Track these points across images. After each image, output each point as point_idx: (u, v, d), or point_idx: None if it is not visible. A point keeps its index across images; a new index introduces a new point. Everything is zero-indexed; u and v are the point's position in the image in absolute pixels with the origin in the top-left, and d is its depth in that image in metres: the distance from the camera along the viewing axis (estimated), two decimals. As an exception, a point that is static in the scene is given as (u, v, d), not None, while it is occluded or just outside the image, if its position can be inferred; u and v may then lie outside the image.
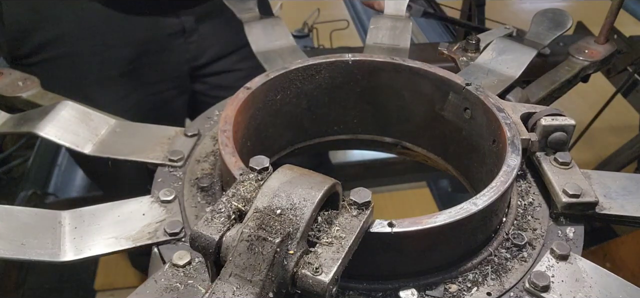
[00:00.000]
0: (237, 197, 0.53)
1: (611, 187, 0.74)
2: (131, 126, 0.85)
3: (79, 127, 0.82)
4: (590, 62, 0.98)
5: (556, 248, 0.65)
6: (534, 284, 0.61)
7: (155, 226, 0.68)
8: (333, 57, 0.85)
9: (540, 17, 1.02)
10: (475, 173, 0.85)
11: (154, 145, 0.81)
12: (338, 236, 0.51)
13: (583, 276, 0.63)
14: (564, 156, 0.74)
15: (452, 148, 0.88)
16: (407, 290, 0.60)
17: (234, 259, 0.47)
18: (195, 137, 0.82)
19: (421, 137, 0.92)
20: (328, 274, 0.48)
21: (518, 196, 0.74)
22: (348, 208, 0.54)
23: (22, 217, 0.67)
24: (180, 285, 0.61)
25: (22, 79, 0.94)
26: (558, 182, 0.71)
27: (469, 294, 0.61)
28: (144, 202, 0.72)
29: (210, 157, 0.79)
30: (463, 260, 0.64)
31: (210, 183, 0.74)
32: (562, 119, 0.75)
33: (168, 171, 0.77)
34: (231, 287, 0.46)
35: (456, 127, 0.85)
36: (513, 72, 0.91)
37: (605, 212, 0.71)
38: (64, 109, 0.83)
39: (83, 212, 0.70)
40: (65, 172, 2.38)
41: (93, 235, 0.67)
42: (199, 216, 0.70)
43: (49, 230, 0.67)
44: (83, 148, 0.79)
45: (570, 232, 0.70)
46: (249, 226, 0.48)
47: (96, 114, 0.85)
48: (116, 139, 0.82)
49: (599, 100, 1.82)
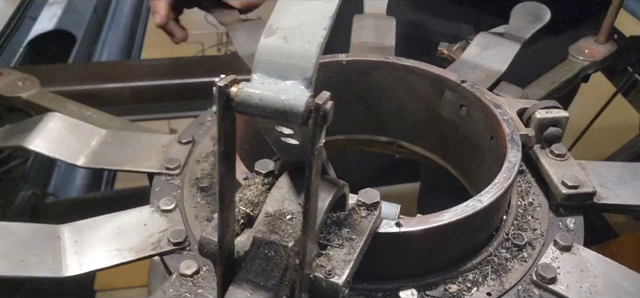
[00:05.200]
0: (245, 202, 0.52)
1: (606, 176, 0.75)
2: (122, 135, 0.84)
3: (69, 138, 0.80)
4: (590, 62, 0.99)
5: (560, 240, 0.66)
6: (541, 277, 0.62)
7: (158, 236, 0.67)
8: (327, 58, 0.84)
9: (519, 11, 1.02)
10: (474, 170, 0.85)
11: (148, 154, 0.79)
12: (348, 238, 0.51)
13: (587, 266, 0.64)
14: (560, 148, 0.75)
15: (449, 146, 0.89)
16: (407, 290, 0.60)
17: (247, 265, 0.46)
18: (190, 144, 0.81)
19: (417, 135, 0.92)
20: (341, 276, 0.47)
21: (518, 196, 0.74)
22: (356, 209, 0.54)
23: (20, 233, 0.66)
24: (190, 294, 0.60)
25: (22, 79, 0.94)
26: (556, 174, 0.72)
27: (469, 294, 0.61)
28: (144, 212, 0.71)
29: (210, 157, 0.79)
30: (463, 260, 0.64)
31: (210, 183, 0.74)
32: (556, 111, 0.75)
33: (165, 180, 0.76)
34: (245, 293, 0.45)
35: (453, 124, 0.85)
36: (499, 66, 0.92)
37: (602, 202, 0.72)
38: (52, 120, 0.82)
39: (81, 225, 0.68)
40: (65, 172, 2.38)
41: (95, 248, 0.66)
42: (199, 217, 0.70)
43: (48, 245, 0.65)
44: (76, 160, 0.78)
45: (571, 223, 0.70)
46: (261, 231, 0.48)
47: (85, 124, 0.84)
48: (108, 149, 0.81)
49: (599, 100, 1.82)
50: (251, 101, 0.42)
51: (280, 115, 0.41)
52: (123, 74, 1.62)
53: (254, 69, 0.44)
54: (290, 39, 0.44)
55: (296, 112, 0.40)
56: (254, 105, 0.41)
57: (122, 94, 1.57)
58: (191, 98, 1.57)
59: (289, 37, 0.44)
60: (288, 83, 0.43)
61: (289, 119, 0.41)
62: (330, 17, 0.44)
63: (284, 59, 0.43)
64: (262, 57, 0.44)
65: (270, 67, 0.43)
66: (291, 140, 0.47)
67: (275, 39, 0.44)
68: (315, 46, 0.43)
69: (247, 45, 0.99)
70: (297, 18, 0.45)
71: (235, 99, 0.42)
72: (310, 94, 0.41)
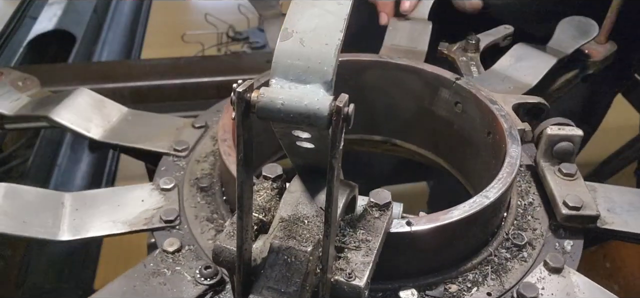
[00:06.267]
0: (256, 208, 0.52)
1: (616, 201, 0.72)
2: (142, 115, 0.88)
3: (93, 113, 0.85)
4: (590, 62, 0.98)
5: (550, 261, 0.64)
6: (521, 295, 0.60)
7: (152, 212, 0.70)
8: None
9: (566, 25, 0.99)
10: (469, 166, 0.85)
11: (161, 134, 0.83)
12: (364, 239, 0.51)
13: (575, 291, 0.62)
14: (569, 167, 0.72)
15: (443, 143, 0.89)
16: (407, 290, 0.60)
17: (266, 272, 0.46)
18: (202, 129, 0.84)
19: (411, 133, 0.92)
20: (362, 279, 0.47)
21: (518, 196, 0.73)
22: (369, 210, 0.54)
23: (28, 197, 0.70)
24: (168, 270, 0.62)
25: (22, 79, 0.94)
26: (560, 193, 0.70)
27: (468, 294, 0.61)
28: (145, 188, 0.74)
29: (209, 157, 0.79)
30: (463, 260, 0.64)
31: (210, 183, 0.74)
32: (569, 129, 0.72)
33: (172, 160, 0.79)
34: None
35: (447, 121, 0.85)
36: (530, 79, 0.89)
37: (606, 226, 0.69)
38: (81, 95, 0.86)
39: (86, 195, 0.73)
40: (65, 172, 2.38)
41: (92, 217, 0.69)
42: (199, 216, 0.70)
43: (51, 210, 0.69)
44: (92, 133, 0.82)
45: (568, 245, 0.68)
46: (278, 236, 0.47)
47: (111, 102, 0.88)
48: (126, 127, 0.85)
49: (598, 100, 1.81)
50: (273, 107, 0.41)
51: (303, 120, 0.41)
52: (123, 74, 1.62)
53: (272, 73, 0.43)
54: (307, 42, 0.44)
55: (320, 116, 0.40)
56: (276, 110, 0.41)
57: (122, 94, 1.56)
58: (191, 98, 1.57)
59: (306, 40, 0.44)
60: (308, 87, 0.42)
61: (312, 123, 0.41)
62: (345, 19, 0.44)
63: (303, 63, 0.43)
64: (279, 61, 0.43)
65: (288, 71, 0.43)
66: (307, 144, 0.46)
67: (291, 42, 0.44)
68: (333, 49, 0.43)
69: None
70: (312, 21, 0.44)
71: (256, 105, 0.41)
72: (333, 98, 0.41)
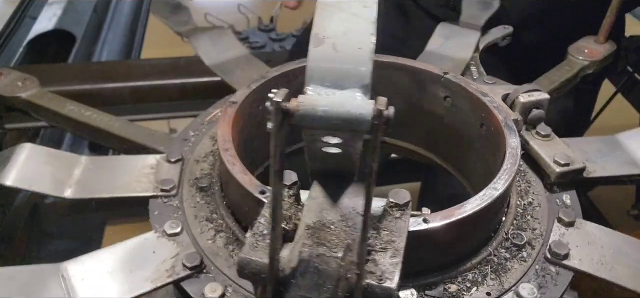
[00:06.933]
0: None
1: (589, 151, 0.79)
2: (105, 161, 0.80)
3: (48, 170, 0.75)
4: (590, 62, 0.98)
5: (564, 216, 0.69)
6: (555, 254, 0.64)
7: (171, 262, 0.64)
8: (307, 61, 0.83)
9: (468, 2, 1.06)
10: (463, 160, 0.86)
11: (138, 177, 0.76)
12: (390, 241, 0.50)
13: (593, 239, 0.67)
14: (545, 128, 0.78)
15: (434, 138, 0.89)
16: (407, 290, 0.60)
17: (297, 281, 0.45)
18: (180, 163, 0.77)
19: (401, 131, 0.92)
20: (393, 281, 0.47)
21: (518, 196, 0.74)
22: (389, 211, 0.53)
23: (20, 278, 0.62)
24: None
25: (22, 79, 0.94)
26: (547, 153, 0.75)
27: (468, 294, 0.61)
28: (149, 238, 0.67)
29: (209, 157, 0.79)
30: (463, 260, 0.64)
31: (210, 183, 0.74)
32: (539, 94, 0.78)
33: (163, 202, 0.72)
34: None
35: (437, 116, 0.85)
36: (464, 54, 0.95)
37: (592, 176, 0.75)
38: (24, 152, 0.77)
39: (84, 260, 0.64)
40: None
41: (106, 284, 0.62)
42: (199, 217, 0.70)
43: (54, 289, 0.61)
44: (63, 193, 0.73)
45: (567, 199, 0.73)
46: (306, 244, 0.46)
47: (60, 153, 0.80)
48: (94, 177, 0.76)
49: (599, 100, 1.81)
50: (315, 114, 0.41)
51: (346, 126, 0.41)
52: (123, 74, 1.62)
53: (307, 81, 0.43)
54: (340, 47, 0.43)
55: (364, 121, 0.40)
56: (318, 118, 0.41)
57: (122, 93, 1.57)
58: (191, 98, 1.57)
59: (339, 46, 0.43)
60: (347, 92, 0.42)
61: (355, 128, 0.40)
62: (374, 22, 0.44)
63: (338, 68, 0.42)
64: (315, 67, 0.43)
65: (325, 77, 0.42)
66: (333, 149, 0.46)
67: (325, 48, 0.43)
68: (368, 52, 0.43)
69: (213, 53, 0.95)
70: (342, 25, 0.44)
71: (296, 113, 0.41)
72: (373, 102, 0.41)
